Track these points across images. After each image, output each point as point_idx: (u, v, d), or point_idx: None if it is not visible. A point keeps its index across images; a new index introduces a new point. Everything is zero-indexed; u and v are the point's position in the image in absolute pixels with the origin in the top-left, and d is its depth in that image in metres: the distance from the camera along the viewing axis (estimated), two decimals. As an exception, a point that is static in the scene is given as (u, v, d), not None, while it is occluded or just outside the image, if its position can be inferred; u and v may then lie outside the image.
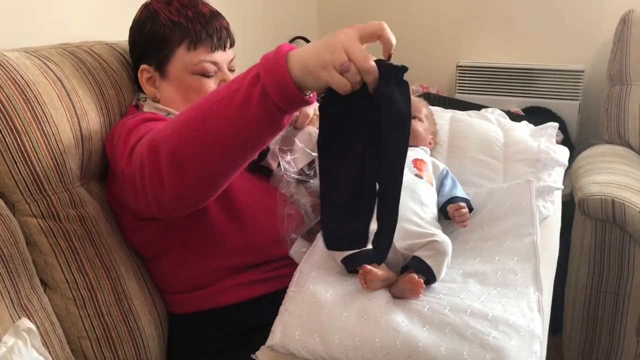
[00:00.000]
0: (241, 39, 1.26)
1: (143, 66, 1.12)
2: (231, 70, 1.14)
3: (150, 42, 1.10)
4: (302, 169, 1.12)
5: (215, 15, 1.12)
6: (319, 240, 1.05)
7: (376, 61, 0.73)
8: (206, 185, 0.85)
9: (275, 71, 0.74)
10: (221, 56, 1.11)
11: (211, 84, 1.10)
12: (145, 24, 1.10)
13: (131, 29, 1.14)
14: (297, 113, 1.08)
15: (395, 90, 0.74)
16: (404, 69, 0.74)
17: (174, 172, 0.80)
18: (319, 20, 2.55)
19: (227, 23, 1.14)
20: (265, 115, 0.75)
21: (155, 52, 1.10)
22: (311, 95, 0.78)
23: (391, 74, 0.74)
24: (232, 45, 1.14)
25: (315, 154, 1.12)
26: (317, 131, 1.12)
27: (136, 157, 0.87)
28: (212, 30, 1.09)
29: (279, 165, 1.11)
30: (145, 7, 1.12)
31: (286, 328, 0.87)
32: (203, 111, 0.79)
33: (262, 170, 1.13)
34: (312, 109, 1.12)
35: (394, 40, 0.75)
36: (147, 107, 1.13)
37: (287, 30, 2.32)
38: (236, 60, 1.16)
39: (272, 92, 0.74)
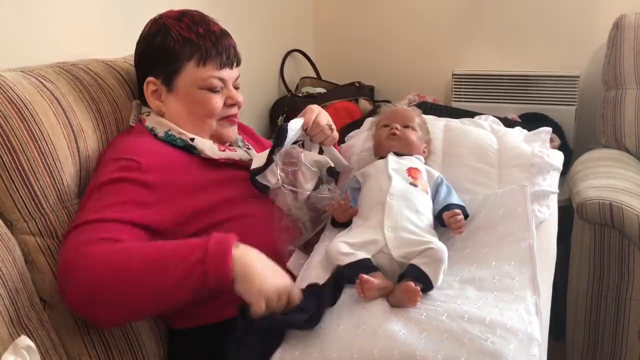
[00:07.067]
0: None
1: (150, 79, 1.13)
2: (236, 87, 1.17)
3: (160, 56, 1.11)
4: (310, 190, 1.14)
5: (225, 34, 1.14)
6: (316, 252, 1.06)
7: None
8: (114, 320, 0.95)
9: (220, 270, 0.84)
10: (228, 73, 1.13)
11: (217, 99, 1.12)
12: (155, 38, 1.11)
13: (139, 42, 1.15)
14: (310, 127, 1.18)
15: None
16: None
17: (86, 300, 0.87)
18: (315, 33, 2.57)
19: (235, 43, 1.16)
20: (195, 295, 0.86)
21: (164, 65, 1.11)
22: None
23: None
24: (238, 64, 1.16)
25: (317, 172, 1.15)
26: (325, 159, 1.17)
27: (69, 249, 0.91)
28: (222, 48, 1.11)
29: (277, 182, 1.11)
30: (154, 21, 1.14)
31: (286, 343, 0.86)
32: (139, 271, 0.86)
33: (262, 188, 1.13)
34: (325, 119, 1.19)
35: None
36: (150, 121, 1.13)
37: (284, 44, 2.33)
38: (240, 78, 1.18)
39: (212, 282, 0.84)
